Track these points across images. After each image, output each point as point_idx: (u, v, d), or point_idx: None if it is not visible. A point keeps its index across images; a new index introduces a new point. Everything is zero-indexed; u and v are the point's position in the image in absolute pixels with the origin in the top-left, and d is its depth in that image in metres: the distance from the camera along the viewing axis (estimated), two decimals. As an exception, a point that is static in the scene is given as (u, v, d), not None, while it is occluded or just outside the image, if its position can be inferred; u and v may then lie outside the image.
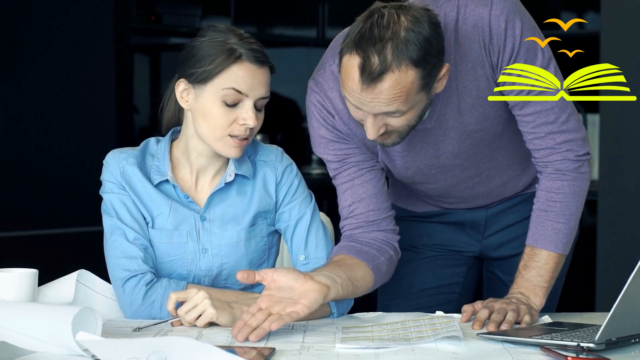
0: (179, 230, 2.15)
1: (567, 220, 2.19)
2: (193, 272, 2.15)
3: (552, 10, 4.57)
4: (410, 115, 2.04)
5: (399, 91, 1.98)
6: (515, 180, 2.36)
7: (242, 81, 2.07)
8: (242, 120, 2.08)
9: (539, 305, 2.15)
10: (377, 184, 2.25)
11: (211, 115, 2.08)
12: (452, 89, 2.14)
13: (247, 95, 2.08)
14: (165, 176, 2.14)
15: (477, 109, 2.17)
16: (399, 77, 1.97)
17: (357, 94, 1.99)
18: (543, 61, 2.12)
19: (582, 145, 2.19)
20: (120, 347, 1.60)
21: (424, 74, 1.99)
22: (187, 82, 2.11)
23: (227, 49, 2.07)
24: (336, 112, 2.21)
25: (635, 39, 3.81)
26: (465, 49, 2.11)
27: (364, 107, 2.01)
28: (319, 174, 4.60)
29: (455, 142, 2.21)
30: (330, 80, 2.20)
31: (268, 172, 2.19)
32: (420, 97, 2.02)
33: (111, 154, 2.18)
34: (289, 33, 5.02)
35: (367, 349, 1.83)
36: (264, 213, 2.19)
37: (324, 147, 2.24)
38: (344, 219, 2.26)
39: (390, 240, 2.25)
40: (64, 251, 3.91)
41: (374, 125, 2.03)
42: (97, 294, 2.13)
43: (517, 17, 2.10)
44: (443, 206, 2.42)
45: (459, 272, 2.46)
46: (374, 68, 1.95)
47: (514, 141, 2.27)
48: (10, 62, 3.92)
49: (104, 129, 4.11)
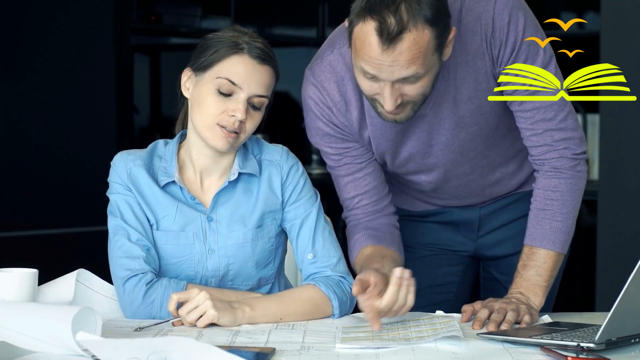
0: (186, 231, 2.14)
1: (565, 218, 2.19)
2: (200, 273, 2.15)
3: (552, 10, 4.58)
4: (425, 81, 2.03)
5: (417, 51, 1.97)
6: (508, 178, 2.36)
7: (238, 73, 2.08)
8: (231, 111, 2.08)
9: (539, 304, 2.15)
10: (377, 174, 2.28)
11: (204, 103, 2.09)
12: (450, 80, 2.14)
13: (240, 88, 2.08)
14: (172, 177, 2.14)
15: (474, 102, 2.17)
16: (416, 36, 1.96)
17: (376, 59, 1.98)
18: (544, 59, 2.12)
19: (579, 144, 2.20)
20: (120, 347, 1.60)
21: (437, 33, 1.99)
22: (191, 70, 2.14)
23: (232, 42, 2.10)
24: (334, 104, 2.21)
25: (635, 39, 3.81)
26: (467, 40, 2.11)
27: (383, 73, 1.99)
28: (319, 173, 4.60)
29: (449, 134, 2.21)
30: (327, 71, 2.20)
31: (273, 171, 2.19)
32: (435, 59, 2.02)
33: (119, 155, 2.18)
34: (289, 33, 5.03)
35: (367, 349, 1.83)
36: (272, 213, 2.19)
37: (321, 138, 2.26)
38: (349, 210, 2.28)
39: (393, 222, 2.30)
40: (64, 251, 3.91)
41: (392, 94, 2.02)
42: (96, 294, 2.13)
43: (520, 13, 2.11)
44: (436, 203, 2.42)
45: (454, 272, 2.46)
46: (392, 28, 1.94)
47: (507, 139, 2.27)
48: (10, 62, 3.92)
49: (104, 129, 4.11)
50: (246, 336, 1.91)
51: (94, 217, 3.89)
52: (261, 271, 2.18)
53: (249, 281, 2.18)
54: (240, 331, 1.96)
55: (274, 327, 1.99)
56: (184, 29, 4.58)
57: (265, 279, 2.20)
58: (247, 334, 1.94)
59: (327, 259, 2.17)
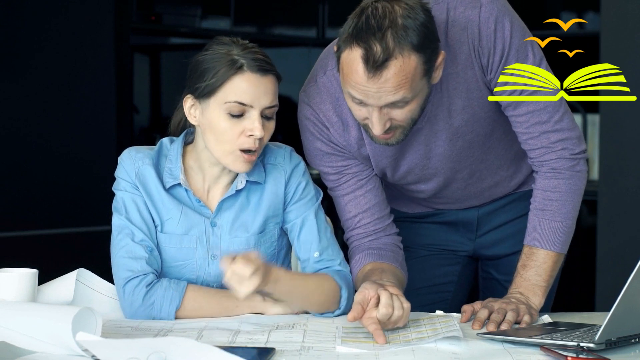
0: (189, 235, 2.14)
1: (564, 218, 2.19)
2: (202, 277, 2.15)
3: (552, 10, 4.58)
4: (413, 106, 2.04)
5: (404, 77, 1.97)
6: (507, 180, 2.36)
7: (244, 93, 2.04)
8: (249, 131, 2.05)
9: (539, 304, 2.15)
10: (378, 192, 2.26)
11: (218, 130, 2.06)
12: (443, 91, 2.15)
13: (251, 106, 2.05)
14: (178, 180, 2.13)
15: (467, 111, 2.17)
16: (402, 63, 1.96)
17: (362, 86, 1.99)
18: (534, 60, 2.12)
19: (577, 143, 2.19)
20: (120, 347, 1.60)
21: (425, 59, 1.99)
22: (194, 98, 2.10)
23: (229, 60, 2.05)
24: (331, 125, 2.21)
25: (635, 39, 3.81)
26: (455, 51, 2.11)
27: (370, 99, 2.00)
28: (319, 174, 4.59)
29: (446, 145, 2.21)
30: (322, 93, 2.20)
31: (277, 175, 2.18)
32: (423, 84, 2.02)
33: (127, 152, 2.16)
34: (289, 33, 5.02)
35: (367, 348, 1.83)
36: (274, 217, 2.18)
37: (320, 159, 2.25)
38: (350, 230, 2.26)
39: (397, 242, 2.28)
40: (64, 251, 3.91)
41: (379, 119, 2.03)
42: (96, 293, 2.13)
43: (506, 19, 2.10)
44: (435, 207, 2.43)
45: (452, 272, 2.46)
46: (377, 56, 1.95)
47: (504, 142, 2.27)
48: (10, 62, 3.92)
49: (104, 129, 4.11)
50: (246, 336, 1.91)
51: (94, 217, 3.90)
52: None
53: None
54: (240, 331, 1.96)
55: (274, 327, 1.99)
56: (184, 29, 4.58)
57: None
58: (247, 334, 1.94)
59: (330, 256, 2.18)
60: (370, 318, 1.92)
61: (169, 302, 2.07)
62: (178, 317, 2.07)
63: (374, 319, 1.92)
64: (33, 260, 2.20)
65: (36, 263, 2.06)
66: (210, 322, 2.05)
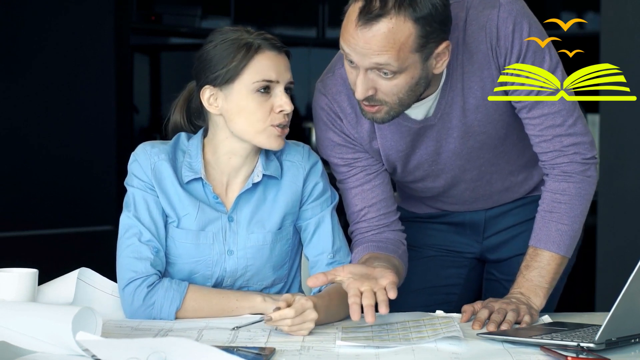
0: (205, 231, 2.13)
1: (571, 222, 2.19)
2: (217, 272, 2.15)
3: (552, 10, 4.58)
4: (400, 80, 2.03)
5: (392, 41, 1.97)
6: (517, 186, 2.36)
7: (269, 70, 2.08)
8: (278, 107, 2.09)
9: (539, 305, 2.15)
10: (386, 188, 2.27)
11: (248, 110, 2.08)
12: (458, 89, 2.14)
13: (277, 82, 2.09)
14: (198, 174, 2.12)
15: (481, 111, 2.17)
16: (395, 26, 1.97)
17: (352, 37, 1.99)
18: (551, 64, 2.11)
19: (589, 148, 2.19)
20: (120, 347, 1.60)
21: (421, 34, 1.99)
22: (213, 87, 2.10)
23: (243, 44, 2.08)
24: (344, 116, 2.21)
25: (635, 39, 3.81)
26: (473, 50, 2.11)
27: (356, 55, 2.00)
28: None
29: (457, 142, 2.21)
30: (338, 84, 2.21)
31: (295, 172, 2.19)
32: (414, 60, 2.01)
33: (142, 147, 2.15)
34: (289, 33, 5.02)
35: (368, 348, 1.83)
36: (291, 215, 2.18)
37: (331, 149, 2.25)
38: (355, 223, 2.27)
39: (400, 238, 2.28)
40: (64, 251, 3.91)
41: (363, 82, 2.03)
42: (97, 291, 2.13)
43: (524, 20, 2.10)
44: (443, 208, 2.42)
45: (459, 274, 2.45)
46: (373, 9, 1.96)
47: (518, 148, 2.27)
48: (10, 62, 3.92)
49: (104, 129, 4.11)
50: (246, 336, 1.91)
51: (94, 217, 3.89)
52: (277, 272, 2.18)
53: (264, 281, 2.18)
54: (240, 331, 1.96)
55: (274, 327, 1.99)
56: (184, 29, 4.58)
57: (279, 279, 2.20)
58: (247, 334, 1.94)
59: (344, 257, 2.19)
60: (353, 288, 1.94)
61: (169, 303, 2.07)
62: (178, 318, 2.07)
63: (355, 289, 1.94)
64: (33, 260, 2.20)
65: (36, 263, 2.06)
66: (210, 322, 2.05)
